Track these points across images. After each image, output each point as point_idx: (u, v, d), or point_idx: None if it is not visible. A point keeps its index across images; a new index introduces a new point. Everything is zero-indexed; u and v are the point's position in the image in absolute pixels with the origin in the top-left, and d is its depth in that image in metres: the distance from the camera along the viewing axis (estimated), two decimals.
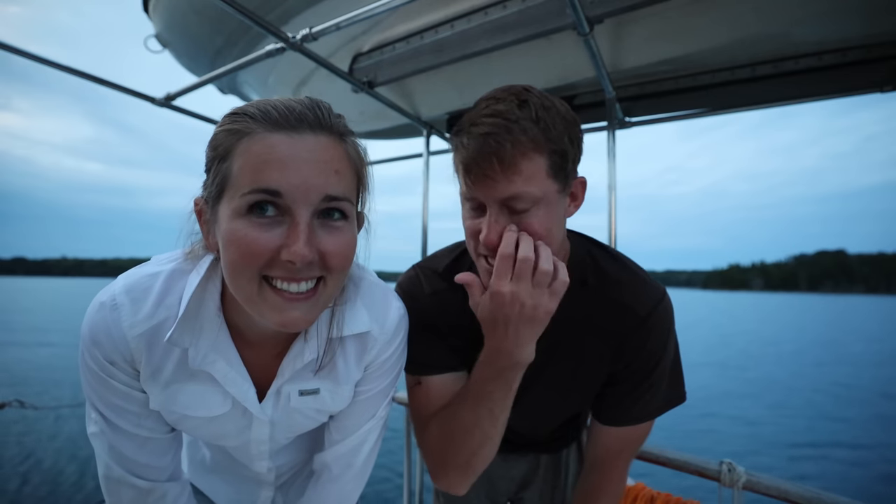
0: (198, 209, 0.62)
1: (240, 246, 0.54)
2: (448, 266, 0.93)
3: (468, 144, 0.69)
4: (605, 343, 0.84)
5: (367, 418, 0.79)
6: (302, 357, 0.70)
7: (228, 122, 0.58)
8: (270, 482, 0.88)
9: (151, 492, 0.69)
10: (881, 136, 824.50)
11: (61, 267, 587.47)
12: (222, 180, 0.56)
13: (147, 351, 0.62)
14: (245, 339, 0.69)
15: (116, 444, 0.66)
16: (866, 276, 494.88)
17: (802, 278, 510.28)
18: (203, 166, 0.63)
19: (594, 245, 0.91)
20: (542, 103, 0.69)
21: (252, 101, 0.59)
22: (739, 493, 1.08)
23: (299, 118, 0.56)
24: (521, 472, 1.15)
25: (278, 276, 0.56)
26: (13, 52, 1.32)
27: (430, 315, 0.89)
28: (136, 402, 0.66)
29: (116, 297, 0.61)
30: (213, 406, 0.68)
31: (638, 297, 0.82)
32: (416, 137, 2.36)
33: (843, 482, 6.43)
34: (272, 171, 0.53)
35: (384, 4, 1.13)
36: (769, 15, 1.24)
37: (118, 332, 0.60)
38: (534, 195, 0.68)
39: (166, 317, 0.62)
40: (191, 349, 0.63)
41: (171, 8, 1.75)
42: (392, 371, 0.80)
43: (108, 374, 0.62)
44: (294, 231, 0.54)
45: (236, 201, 0.54)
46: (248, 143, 0.55)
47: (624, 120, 1.84)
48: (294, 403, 0.73)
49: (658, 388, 0.85)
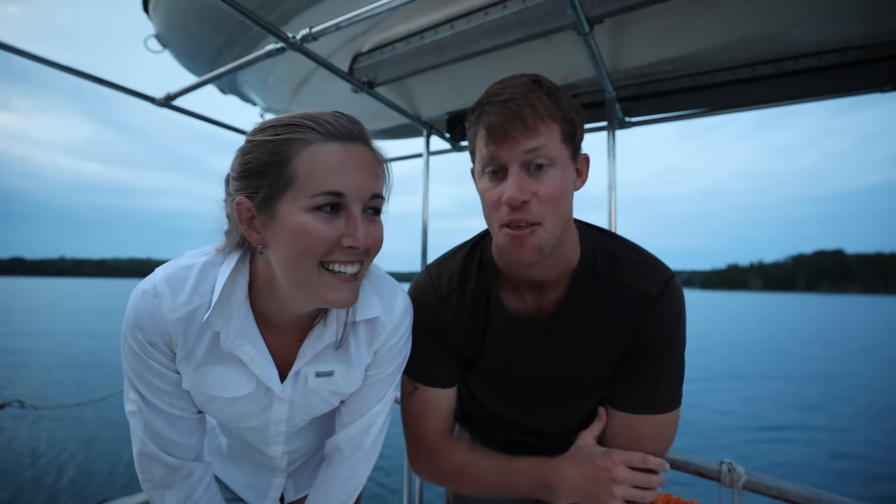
0: (240, 209, 0.68)
1: (310, 236, 0.63)
2: (461, 262, 0.96)
3: (490, 111, 0.75)
4: (617, 326, 0.85)
5: (376, 401, 0.88)
6: (322, 339, 0.79)
7: (285, 132, 0.65)
8: (283, 468, 0.96)
9: (180, 469, 0.76)
10: (879, 136, 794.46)
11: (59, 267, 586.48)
12: (286, 183, 0.64)
13: (183, 334, 0.70)
14: (269, 325, 0.77)
15: (151, 421, 0.73)
16: (864, 276, 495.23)
17: (800, 278, 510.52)
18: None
19: (602, 232, 0.93)
20: (551, 84, 0.78)
21: (296, 114, 0.68)
22: (739, 493, 1.08)
23: (349, 131, 0.68)
24: None
25: (337, 260, 0.66)
26: (13, 52, 1.31)
27: (446, 321, 0.93)
28: (171, 383, 0.74)
29: (157, 286, 0.69)
30: (238, 387, 0.77)
31: (648, 279, 0.84)
32: (416, 137, 2.36)
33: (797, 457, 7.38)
34: (336, 175, 0.64)
35: (384, 4, 1.13)
36: (769, 15, 1.24)
37: (159, 316, 0.68)
38: (551, 154, 0.74)
39: (200, 304, 0.70)
40: (222, 332, 0.72)
41: (171, 8, 1.75)
42: (398, 356, 0.88)
43: (147, 354, 0.70)
44: (353, 223, 0.66)
45: (305, 200, 0.64)
46: (312, 151, 0.64)
47: (624, 120, 1.84)
48: (311, 384, 0.81)
49: (665, 377, 0.85)
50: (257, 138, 0.67)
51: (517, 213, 0.74)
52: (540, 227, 0.75)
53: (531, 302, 0.90)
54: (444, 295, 0.94)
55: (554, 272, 0.86)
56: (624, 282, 0.84)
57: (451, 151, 2.35)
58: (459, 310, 0.93)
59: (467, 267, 0.95)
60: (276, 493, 0.99)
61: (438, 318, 0.93)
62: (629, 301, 0.84)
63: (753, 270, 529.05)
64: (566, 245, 0.84)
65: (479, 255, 0.96)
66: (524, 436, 1.07)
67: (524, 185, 0.73)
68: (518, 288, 0.90)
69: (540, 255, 0.77)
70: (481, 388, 1.02)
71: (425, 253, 2.17)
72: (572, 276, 0.87)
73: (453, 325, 0.93)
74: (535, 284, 0.88)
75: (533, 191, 0.74)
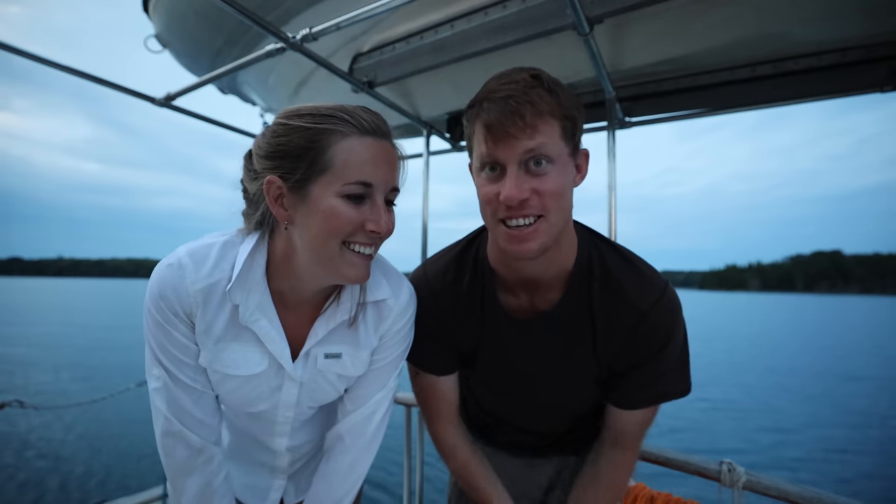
0: (270, 186, 0.72)
1: (340, 218, 0.70)
2: (454, 259, 0.96)
3: (489, 107, 0.74)
4: (609, 332, 0.85)
5: (379, 388, 0.90)
6: (335, 317, 0.83)
7: (325, 122, 0.70)
8: (284, 469, 0.97)
9: (202, 451, 0.79)
10: (877, 137, 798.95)
11: (57, 267, 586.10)
12: (322, 168, 0.69)
13: (203, 305, 0.74)
14: (284, 302, 0.81)
15: (177, 396, 0.77)
16: (862, 276, 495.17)
17: (799, 278, 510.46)
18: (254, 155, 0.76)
19: (599, 238, 0.92)
20: (551, 79, 0.77)
21: (332, 105, 0.73)
22: (739, 493, 1.08)
23: (379, 128, 0.74)
24: (547, 478, 1.13)
25: (358, 241, 0.73)
26: (13, 52, 1.32)
27: (443, 316, 0.93)
28: (192, 355, 0.78)
29: (182, 259, 0.74)
30: (252, 364, 0.80)
31: (639, 292, 0.83)
32: (416, 137, 2.36)
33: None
34: (368, 167, 0.70)
35: (384, 4, 1.13)
36: (769, 15, 1.24)
37: (182, 286, 0.73)
38: (551, 153, 0.73)
39: (220, 278, 0.75)
40: (241, 305, 0.76)
41: (171, 8, 1.75)
42: (402, 343, 0.91)
43: (171, 325, 0.74)
44: (377, 211, 0.73)
45: (338, 186, 0.69)
46: (350, 143, 0.70)
47: (624, 120, 1.84)
48: (320, 365, 0.84)
49: (666, 377, 0.86)
50: (293, 123, 0.71)
51: (516, 211, 0.74)
52: (544, 220, 0.74)
53: (525, 300, 0.90)
54: (438, 291, 0.94)
55: (550, 271, 0.85)
56: (616, 293, 0.84)
57: (450, 151, 2.36)
58: (454, 307, 0.93)
59: (462, 264, 0.95)
60: (277, 495, 0.99)
61: (433, 314, 0.93)
62: (620, 312, 0.84)
63: (752, 271, 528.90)
64: (563, 244, 0.83)
65: (475, 253, 0.95)
66: (521, 436, 1.07)
67: (522, 183, 0.73)
68: (512, 287, 0.90)
69: (542, 249, 0.76)
70: (479, 386, 1.02)
71: (425, 253, 2.17)
72: (568, 278, 0.86)
73: (448, 321, 0.93)
74: (530, 283, 0.87)
75: (532, 188, 0.73)
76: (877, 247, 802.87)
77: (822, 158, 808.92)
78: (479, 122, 0.75)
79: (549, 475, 1.13)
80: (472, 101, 0.80)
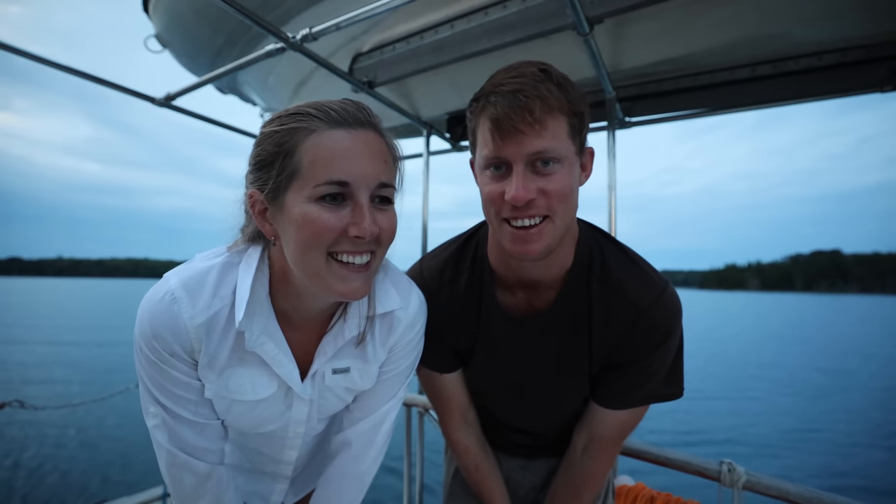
0: (253, 201, 0.68)
1: (315, 226, 0.62)
2: (452, 256, 0.95)
3: (496, 102, 0.70)
4: (606, 330, 0.85)
5: (388, 398, 0.87)
6: (343, 335, 0.77)
7: (290, 121, 0.64)
8: (287, 476, 0.94)
9: (210, 476, 0.74)
10: (876, 137, 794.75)
11: (56, 267, 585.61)
12: (291, 173, 0.63)
13: (206, 339, 0.68)
14: (289, 322, 0.75)
15: (177, 430, 0.71)
16: (861, 275, 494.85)
17: (798, 278, 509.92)
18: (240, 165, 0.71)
19: (601, 234, 0.91)
20: (560, 74, 0.74)
21: (303, 104, 0.66)
22: (739, 493, 1.08)
23: (354, 116, 0.65)
24: (541, 478, 1.13)
25: (344, 250, 0.64)
26: (13, 52, 1.31)
27: (438, 315, 0.92)
28: (194, 391, 0.71)
29: (174, 292, 0.66)
30: (260, 389, 0.75)
31: (638, 291, 0.83)
32: (416, 137, 2.36)
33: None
34: (340, 163, 0.62)
35: (384, 4, 1.13)
36: (769, 15, 1.24)
37: (180, 324, 0.65)
38: (559, 152, 0.70)
39: (221, 306, 0.68)
40: (247, 332, 0.69)
41: (171, 8, 1.75)
42: (412, 353, 0.87)
43: (168, 365, 0.67)
44: (360, 212, 0.63)
45: (309, 190, 0.62)
46: (316, 139, 0.62)
47: (624, 120, 1.84)
48: (328, 381, 0.80)
49: (657, 377, 0.86)
50: (266, 130, 0.66)
51: (522, 211, 0.72)
52: (549, 221, 0.73)
53: (523, 299, 0.89)
54: (435, 289, 0.92)
55: (550, 272, 0.84)
56: (615, 290, 0.83)
57: (451, 151, 2.35)
58: (451, 305, 0.92)
59: (460, 262, 0.94)
60: (279, 498, 0.97)
61: (430, 313, 0.91)
62: (618, 309, 0.83)
63: (751, 270, 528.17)
64: (564, 244, 0.82)
65: (473, 251, 0.94)
66: (517, 436, 1.07)
67: (529, 183, 0.70)
68: (511, 285, 0.90)
69: (546, 251, 0.74)
70: (475, 384, 1.02)
71: (425, 253, 2.16)
72: (566, 277, 0.86)
73: (445, 319, 0.92)
74: (529, 284, 0.87)
75: (538, 188, 0.71)
76: (876, 246, 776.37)
77: (822, 158, 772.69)
78: (486, 115, 0.73)
79: (542, 476, 1.14)
80: (477, 94, 0.77)
